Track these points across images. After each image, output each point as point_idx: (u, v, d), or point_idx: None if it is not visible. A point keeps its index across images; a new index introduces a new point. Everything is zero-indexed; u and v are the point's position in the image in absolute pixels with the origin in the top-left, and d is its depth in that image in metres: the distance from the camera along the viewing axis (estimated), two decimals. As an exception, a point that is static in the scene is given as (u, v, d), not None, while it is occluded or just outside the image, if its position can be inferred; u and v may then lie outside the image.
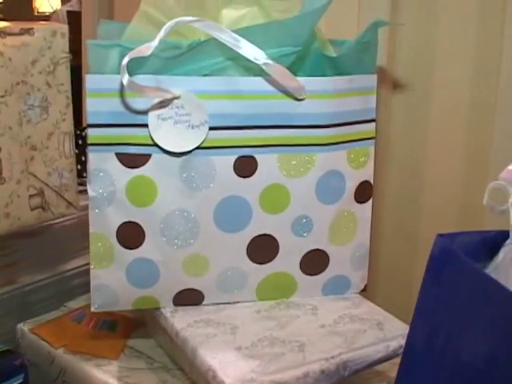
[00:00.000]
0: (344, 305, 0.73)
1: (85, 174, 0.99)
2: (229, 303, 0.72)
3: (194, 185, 0.67)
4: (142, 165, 0.66)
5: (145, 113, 0.65)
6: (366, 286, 0.76)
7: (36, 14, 2.28)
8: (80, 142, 0.97)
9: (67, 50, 0.81)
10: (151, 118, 0.65)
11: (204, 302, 0.72)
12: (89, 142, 0.67)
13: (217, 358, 0.63)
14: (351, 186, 0.72)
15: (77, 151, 0.85)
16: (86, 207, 0.87)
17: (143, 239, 0.68)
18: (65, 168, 0.82)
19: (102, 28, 0.74)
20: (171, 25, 0.64)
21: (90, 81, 0.65)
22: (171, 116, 0.65)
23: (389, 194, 0.84)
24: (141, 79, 0.64)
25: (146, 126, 0.66)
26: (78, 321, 0.82)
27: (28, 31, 0.78)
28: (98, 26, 0.74)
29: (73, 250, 0.92)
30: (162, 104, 0.65)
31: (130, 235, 0.68)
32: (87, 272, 0.93)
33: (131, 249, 0.68)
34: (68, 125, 0.82)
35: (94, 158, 0.67)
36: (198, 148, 0.66)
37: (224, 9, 0.71)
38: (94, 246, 0.68)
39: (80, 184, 0.87)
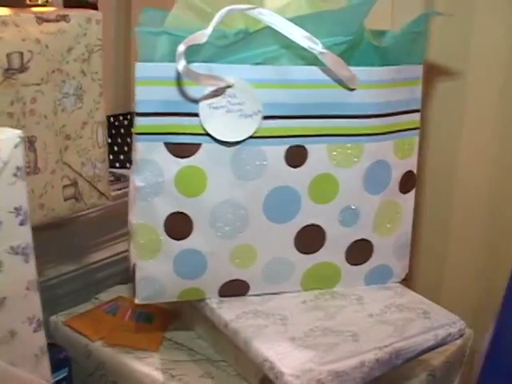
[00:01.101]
0: (388, 294, 0.74)
1: (117, 165, 0.99)
2: (273, 294, 0.72)
3: (244, 175, 0.66)
4: (192, 154, 0.65)
5: (196, 102, 0.64)
6: (406, 275, 0.77)
7: (28, 2, 2.23)
8: (113, 131, 0.95)
9: (101, 37, 0.79)
10: (202, 106, 0.64)
11: (249, 293, 0.72)
12: (137, 131, 0.65)
13: (272, 349, 0.63)
14: (396, 176, 0.72)
15: (109, 140, 0.84)
16: (115, 197, 0.87)
17: (191, 230, 0.67)
18: (98, 158, 0.81)
19: (143, 16, 0.72)
20: (225, 12, 0.63)
21: (139, 69, 0.64)
22: (223, 105, 0.64)
23: (427, 184, 0.85)
24: (195, 67, 0.63)
25: (196, 115, 0.65)
26: (113, 313, 0.81)
27: (64, 18, 0.76)
28: (140, 13, 0.72)
29: (99, 241, 0.91)
30: (214, 93, 0.64)
31: (178, 226, 0.67)
32: (114, 263, 0.93)
33: (179, 240, 0.67)
34: (101, 114, 0.81)
35: (142, 147, 0.66)
36: (249, 138, 0.65)
37: (267, -2, 0.71)
38: (141, 237, 0.67)
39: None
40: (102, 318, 0.80)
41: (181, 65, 0.61)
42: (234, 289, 0.71)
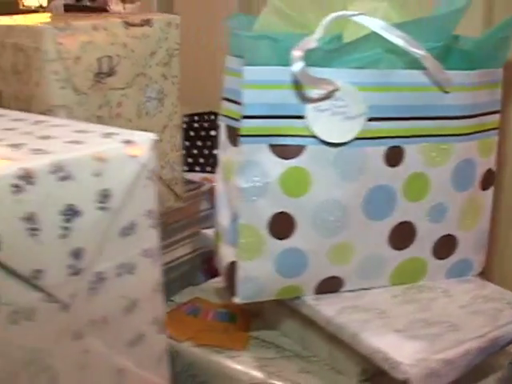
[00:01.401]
0: (470, 287, 0.77)
1: (197, 168, 0.99)
2: (363, 289, 0.75)
3: (346, 175, 0.68)
4: (297, 156, 0.68)
5: (302, 105, 0.66)
6: (483, 268, 0.81)
7: (21, 7, 2.19)
8: (192, 133, 0.95)
9: (179, 41, 0.80)
10: (309, 109, 0.66)
11: (343, 289, 0.74)
12: (242, 133, 0.67)
13: (382, 340, 0.65)
14: (479, 173, 0.76)
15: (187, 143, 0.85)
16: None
17: (294, 229, 0.69)
18: (175, 161, 0.82)
19: (232, 21, 0.74)
20: (330, 19, 0.66)
21: (248, 73, 0.66)
22: (328, 108, 0.67)
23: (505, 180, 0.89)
24: (310, 71, 0.65)
25: (302, 117, 0.67)
26: (194, 314, 0.82)
27: (148, 22, 0.77)
28: (230, 18, 0.74)
29: (169, 242, 0.92)
30: (320, 96, 0.66)
31: (282, 226, 0.69)
32: (184, 264, 0.94)
33: (282, 239, 0.69)
34: (179, 117, 0.82)
35: (246, 149, 0.67)
36: (353, 139, 0.68)
37: (350, 4, 0.73)
38: (244, 237, 0.69)
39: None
40: (184, 320, 0.81)
41: (297, 68, 0.63)
42: (330, 286, 0.73)
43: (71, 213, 0.51)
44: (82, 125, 0.60)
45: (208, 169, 0.96)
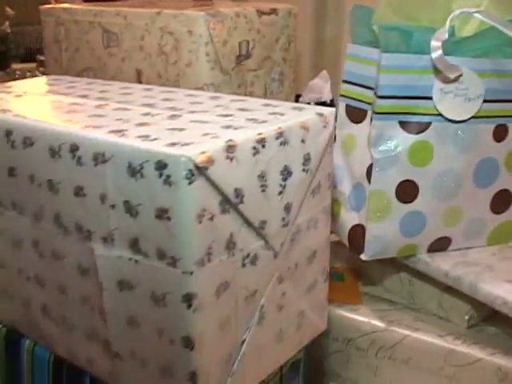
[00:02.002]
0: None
1: None
2: (466, 248, 0.86)
3: (462, 148, 0.79)
4: (423, 131, 0.78)
5: (430, 87, 0.77)
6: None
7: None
8: None
9: (296, 29, 0.90)
10: (435, 91, 0.77)
11: (449, 248, 0.85)
12: (376, 111, 0.77)
13: (499, 288, 0.76)
14: None
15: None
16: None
17: (417, 194, 0.80)
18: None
19: (356, 12, 0.84)
20: (457, 14, 0.77)
21: (385, 59, 0.76)
22: (452, 90, 0.77)
23: None
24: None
25: (428, 98, 0.77)
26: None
27: (274, 11, 0.86)
28: (352, 9, 0.84)
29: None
30: (445, 80, 0.77)
31: (407, 191, 0.80)
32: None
33: (406, 203, 0.80)
34: (293, 98, 0.91)
35: (379, 125, 0.78)
36: (471, 117, 0.79)
37: (453, 1, 0.84)
38: (373, 201, 0.79)
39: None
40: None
41: (436, 55, 0.74)
42: (440, 245, 0.84)
43: (286, 173, 0.60)
44: (261, 100, 0.70)
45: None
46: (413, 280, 0.87)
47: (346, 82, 0.85)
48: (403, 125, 0.78)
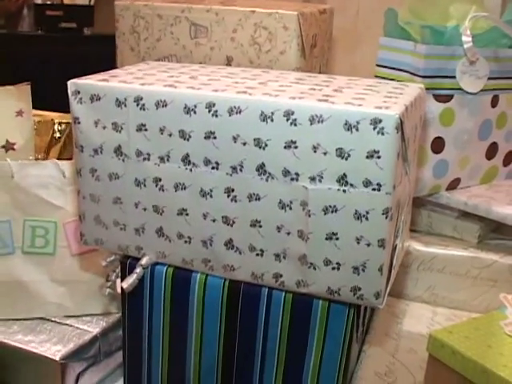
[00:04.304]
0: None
1: None
2: (466, 187, 1.17)
3: (473, 112, 1.11)
4: (449, 101, 1.08)
5: (453, 69, 1.07)
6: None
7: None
8: None
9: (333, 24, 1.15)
10: (458, 72, 1.07)
11: (458, 187, 1.15)
12: (420, 87, 1.06)
13: (507, 209, 1.08)
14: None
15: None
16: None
17: (444, 147, 1.09)
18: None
19: (387, 14, 1.11)
20: (472, 17, 1.07)
21: (424, 49, 1.05)
22: (468, 71, 1.08)
23: None
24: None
25: (453, 77, 1.07)
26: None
27: (325, 10, 1.11)
28: (385, 12, 1.11)
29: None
30: (465, 64, 1.07)
31: (438, 145, 1.09)
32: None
33: (437, 154, 1.09)
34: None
35: (421, 97, 1.06)
36: (480, 90, 1.10)
37: (451, 5, 1.15)
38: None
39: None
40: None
41: (468, 45, 1.03)
42: (454, 184, 1.15)
43: (417, 127, 0.86)
44: (365, 80, 0.94)
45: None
46: (430, 213, 1.17)
47: (379, 65, 1.12)
48: (436, 97, 1.07)
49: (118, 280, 1.02)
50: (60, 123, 1.30)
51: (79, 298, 1.11)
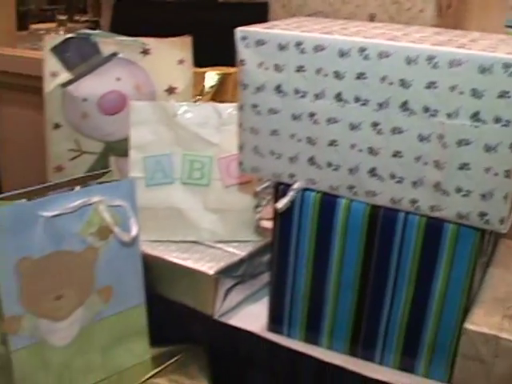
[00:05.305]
0: None
1: None
2: None
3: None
4: None
5: None
6: None
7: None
8: None
9: None
10: None
11: None
12: None
13: None
14: None
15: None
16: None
17: None
18: None
19: None
20: None
21: None
22: None
23: None
24: None
25: None
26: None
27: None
28: None
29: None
30: None
31: None
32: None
33: None
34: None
35: None
36: None
37: None
38: None
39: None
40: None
41: None
42: None
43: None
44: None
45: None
46: None
47: (508, 26, 1.20)
48: None
49: (268, 206, 1.18)
50: (211, 77, 1.48)
51: (230, 226, 1.27)
